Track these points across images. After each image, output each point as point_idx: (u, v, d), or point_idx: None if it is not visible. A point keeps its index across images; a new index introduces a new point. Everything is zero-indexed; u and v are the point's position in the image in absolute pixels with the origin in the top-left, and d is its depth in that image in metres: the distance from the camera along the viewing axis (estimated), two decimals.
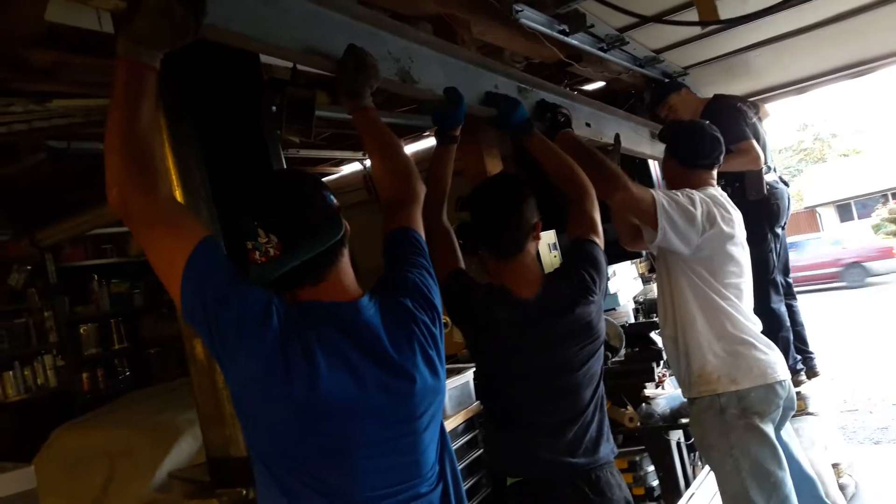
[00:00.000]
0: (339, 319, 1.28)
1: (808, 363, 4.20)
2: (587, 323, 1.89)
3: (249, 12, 1.51)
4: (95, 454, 3.21)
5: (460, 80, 2.25)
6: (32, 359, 5.15)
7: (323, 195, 1.33)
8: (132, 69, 1.23)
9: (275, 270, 1.26)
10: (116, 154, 1.20)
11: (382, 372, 1.28)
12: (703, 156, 2.56)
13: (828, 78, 4.65)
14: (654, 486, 3.54)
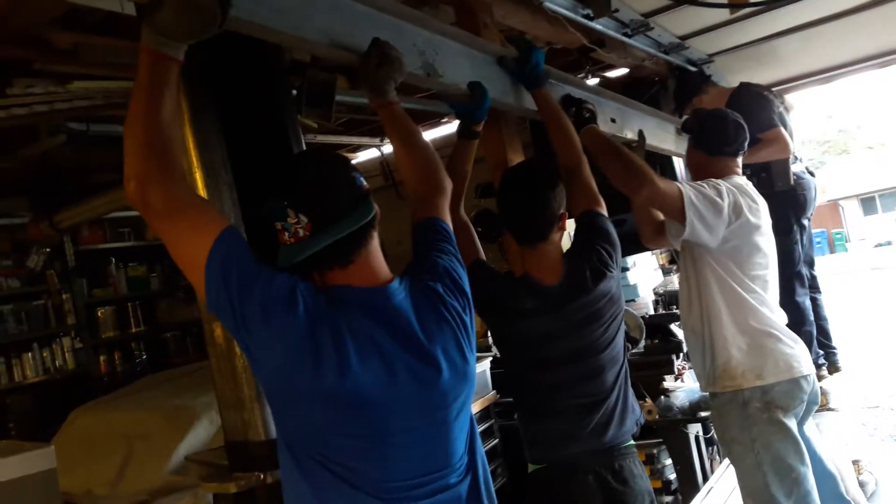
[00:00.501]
0: (369, 305, 1.26)
1: (830, 358, 4.16)
2: (609, 298, 1.92)
3: (274, 3, 1.49)
4: (113, 436, 3.23)
5: (485, 73, 2.21)
6: (51, 341, 5.19)
7: (353, 176, 1.31)
8: (156, 60, 1.20)
9: (304, 251, 1.24)
10: (136, 145, 1.18)
11: (413, 358, 1.26)
12: (727, 143, 2.52)
13: (856, 67, 4.57)
14: (671, 480, 3.52)
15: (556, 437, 1.88)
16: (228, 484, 1.76)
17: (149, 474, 2.91)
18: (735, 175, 2.50)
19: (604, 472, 1.85)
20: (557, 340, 1.87)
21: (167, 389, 3.67)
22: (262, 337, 1.17)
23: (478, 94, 2.05)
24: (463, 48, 2.15)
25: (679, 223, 2.25)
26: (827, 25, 3.89)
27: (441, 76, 1.99)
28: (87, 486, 3.00)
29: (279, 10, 1.49)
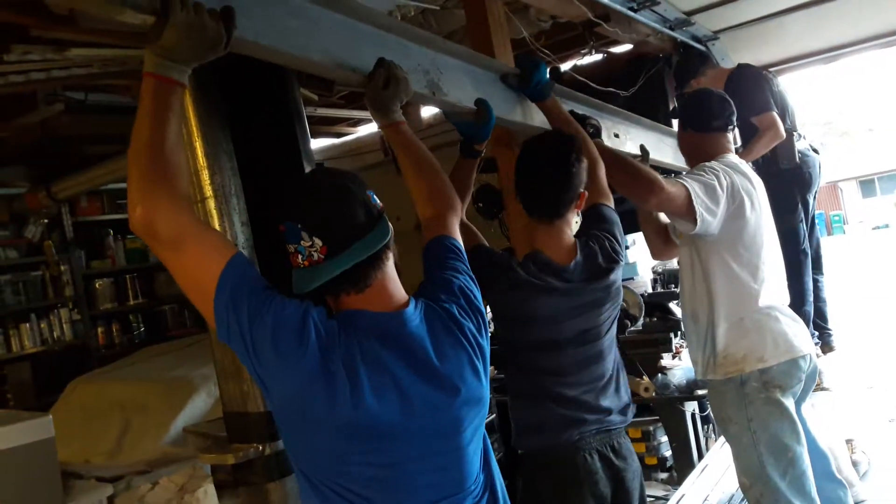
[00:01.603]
0: (384, 332, 1.23)
1: (824, 338, 4.17)
2: (617, 288, 1.92)
3: (279, 25, 1.47)
4: (111, 407, 3.24)
5: (489, 90, 2.18)
6: (49, 312, 5.19)
7: (368, 195, 1.27)
8: (160, 85, 1.19)
9: (319, 276, 1.21)
10: (142, 174, 1.16)
11: (428, 385, 1.24)
12: (713, 117, 2.50)
13: (860, 46, 4.53)
14: (666, 457, 3.55)
15: (561, 424, 1.86)
16: (226, 455, 1.75)
17: (147, 445, 2.92)
18: (728, 153, 2.48)
19: (605, 450, 1.87)
20: (565, 322, 1.86)
21: (165, 362, 3.67)
22: (273, 367, 1.15)
23: (483, 113, 2.01)
24: (467, 66, 2.12)
25: (688, 220, 2.23)
26: (833, 3, 3.84)
27: (446, 94, 1.97)
28: (85, 456, 3.01)
29: (284, 31, 1.47)
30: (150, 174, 1.15)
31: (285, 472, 1.73)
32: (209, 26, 1.19)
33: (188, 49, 1.19)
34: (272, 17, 1.45)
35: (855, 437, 3.82)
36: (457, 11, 3.50)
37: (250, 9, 1.39)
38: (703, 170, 2.32)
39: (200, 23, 1.18)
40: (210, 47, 1.22)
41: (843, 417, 3.94)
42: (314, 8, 1.57)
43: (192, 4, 1.19)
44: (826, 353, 4.17)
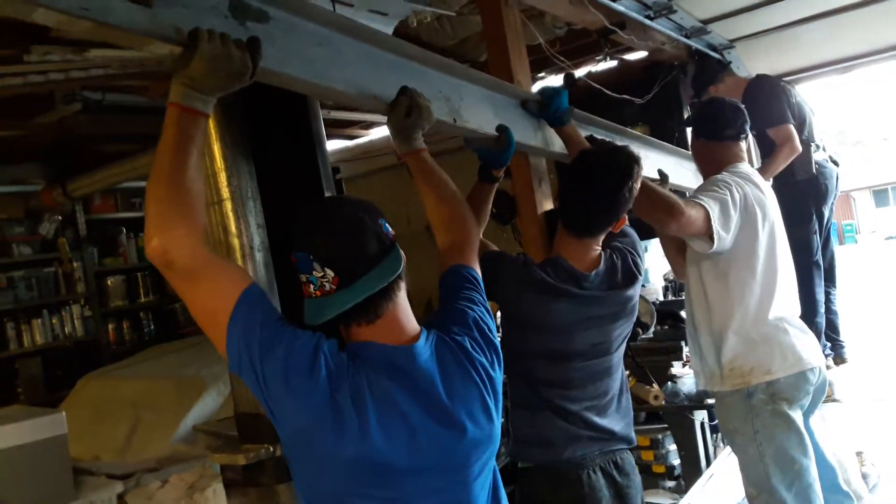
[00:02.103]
0: (393, 366, 1.22)
1: (836, 350, 4.14)
2: (633, 305, 1.91)
3: (303, 54, 1.47)
4: (121, 404, 3.26)
5: (509, 116, 2.17)
6: (60, 307, 5.22)
7: (380, 224, 1.26)
8: (184, 116, 1.19)
9: (331, 308, 1.20)
10: (160, 202, 1.16)
11: (436, 422, 1.23)
12: (726, 126, 2.49)
13: (876, 57, 4.50)
14: (674, 465, 3.52)
15: (563, 439, 1.85)
16: (237, 455, 1.76)
17: (156, 443, 2.93)
18: (740, 162, 2.47)
19: (609, 466, 1.86)
20: (577, 333, 1.84)
21: (175, 360, 3.69)
22: (283, 401, 1.15)
23: (504, 139, 1.99)
24: (487, 93, 2.11)
25: (705, 240, 2.21)
26: (851, 13, 3.82)
27: (467, 121, 1.96)
28: (95, 452, 3.03)
29: (308, 61, 1.47)
30: (167, 206, 1.15)
31: None
32: (235, 57, 1.20)
33: (214, 79, 1.20)
34: (297, 46, 1.46)
35: (865, 449, 3.79)
36: (472, 17, 3.50)
37: (275, 38, 1.40)
38: (716, 184, 2.30)
39: (227, 53, 1.19)
40: (236, 77, 1.22)
41: (854, 429, 3.91)
42: (339, 37, 1.58)
43: (219, 35, 1.20)
44: (838, 365, 4.14)
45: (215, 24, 1.27)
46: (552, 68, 4.35)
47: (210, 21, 1.28)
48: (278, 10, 1.42)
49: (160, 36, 1.20)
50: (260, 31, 1.35)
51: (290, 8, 1.46)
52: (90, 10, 1.10)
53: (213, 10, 1.30)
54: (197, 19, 1.25)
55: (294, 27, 1.47)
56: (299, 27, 1.48)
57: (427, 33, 3.78)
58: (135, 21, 1.16)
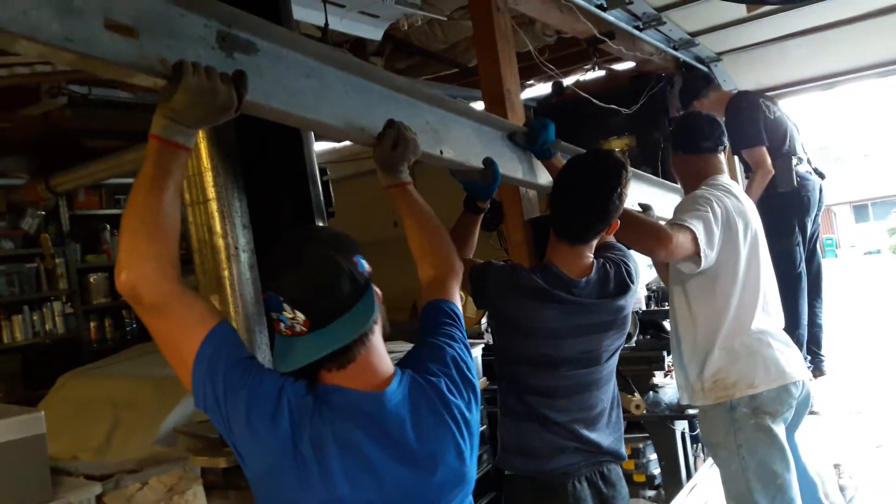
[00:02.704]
0: (360, 413, 1.18)
1: (815, 363, 4.18)
2: (625, 316, 1.90)
3: (291, 86, 1.46)
4: (101, 403, 3.22)
5: (496, 149, 2.18)
6: (42, 304, 5.16)
7: (355, 262, 1.21)
8: (164, 148, 1.18)
9: (302, 353, 1.17)
10: (131, 237, 1.14)
11: (404, 468, 1.20)
12: (702, 139, 2.50)
13: (859, 74, 4.57)
14: (655, 475, 3.54)
15: (548, 450, 1.84)
16: (219, 458, 1.74)
17: (136, 443, 2.90)
18: (720, 174, 2.49)
19: (595, 477, 1.85)
20: (566, 339, 1.83)
21: (157, 359, 3.62)
22: (247, 442, 1.14)
23: (490, 172, 1.98)
24: (474, 125, 2.11)
25: (693, 262, 2.21)
26: (837, 30, 3.88)
27: (454, 153, 1.96)
28: (73, 451, 2.99)
29: (295, 93, 1.46)
30: (137, 241, 1.14)
31: None
32: (221, 91, 1.18)
33: (198, 112, 1.18)
34: (284, 78, 1.44)
35: (842, 461, 3.83)
36: (463, 22, 3.51)
37: (263, 69, 1.39)
38: (696, 201, 2.30)
39: (212, 87, 1.17)
40: (221, 111, 1.21)
41: (831, 442, 3.94)
42: (327, 69, 1.56)
43: (205, 68, 1.18)
44: (817, 378, 4.18)
45: (202, 56, 1.26)
46: (541, 76, 4.38)
47: (197, 52, 1.26)
48: (266, 42, 1.41)
49: (145, 68, 1.18)
50: (248, 63, 1.34)
51: (279, 40, 1.44)
52: (74, 42, 1.08)
53: (200, 41, 1.28)
54: (183, 51, 1.24)
55: (282, 59, 1.45)
56: (287, 59, 1.46)
57: (417, 37, 3.79)
58: (120, 53, 1.14)
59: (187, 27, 1.27)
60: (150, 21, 1.21)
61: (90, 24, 1.12)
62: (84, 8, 1.11)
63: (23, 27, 1.03)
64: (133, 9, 1.18)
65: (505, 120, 2.38)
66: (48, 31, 1.06)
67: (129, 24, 1.17)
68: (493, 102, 2.66)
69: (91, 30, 1.11)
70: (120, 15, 1.16)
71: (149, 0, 1.21)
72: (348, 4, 2.81)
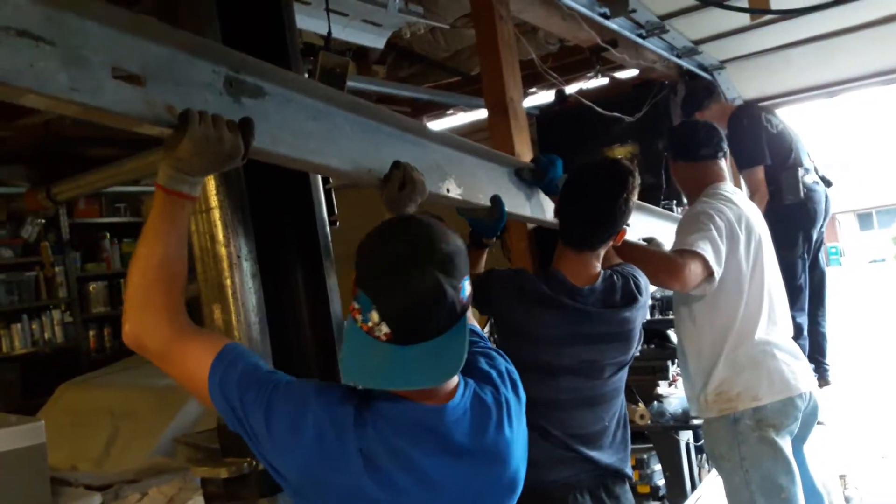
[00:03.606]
0: (420, 427, 1.14)
1: (820, 372, 4.16)
2: (630, 330, 1.85)
3: (299, 129, 1.44)
4: (100, 413, 3.21)
5: (502, 185, 2.16)
6: (41, 313, 5.17)
7: (459, 288, 1.12)
8: (168, 199, 1.18)
9: (377, 376, 1.10)
10: (134, 288, 1.17)
11: (463, 476, 1.17)
12: (701, 145, 2.47)
13: (863, 83, 4.56)
14: (659, 486, 3.51)
15: (549, 460, 1.80)
16: (219, 469, 1.73)
17: (135, 454, 2.89)
18: (721, 181, 2.46)
19: (598, 490, 1.82)
20: (567, 347, 1.80)
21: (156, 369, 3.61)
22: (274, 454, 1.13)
23: (496, 211, 1.95)
24: (481, 162, 2.09)
25: (708, 280, 2.19)
26: (840, 38, 3.89)
27: (461, 192, 1.94)
28: (73, 461, 2.98)
29: (303, 136, 1.45)
30: (139, 293, 1.16)
31: (277, 489, 1.70)
32: (227, 139, 1.18)
33: (204, 162, 1.18)
34: (292, 122, 1.43)
35: (848, 472, 3.80)
36: (466, 30, 3.52)
37: (270, 113, 1.37)
38: (699, 220, 2.27)
39: (218, 136, 1.17)
40: (227, 159, 1.20)
41: (837, 452, 3.92)
42: (334, 111, 1.55)
43: (212, 117, 1.18)
44: (822, 388, 4.15)
45: (209, 101, 1.25)
46: (544, 84, 4.38)
47: (204, 98, 1.25)
48: (274, 86, 1.40)
49: (151, 118, 1.17)
50: (255, 107, 1.33)
51: (286, 83, 1.43)
52: (81, 93, 1.07)
53: (207, 87, 1.27)
54: (191, 97, 1.23)
55: (289, 102, 1.44)
56: (295, 102, 1.45)
57: (420, 45, 3.80)
58: (126, 102, 1.13)
59: (195, 73, 1.26)
60: (157, 68, 1.20)
61: (97, 74, 1.11)
62: (91, 57, 1.10)
63: (29, 80, 1.02)
64: (141, 57, 1.17)
65: (512, 157, 2.36)
66: (55, 82, 1.05)
67: (137, 71, 1.16)
68: (495, 110, 2.65)
69: (98, 79, 1.10)
70: (128, 63, 1.15)
71: (156, 47, 1.20)
72: (351, 13, 2.81)
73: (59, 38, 1.07)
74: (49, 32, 1.05)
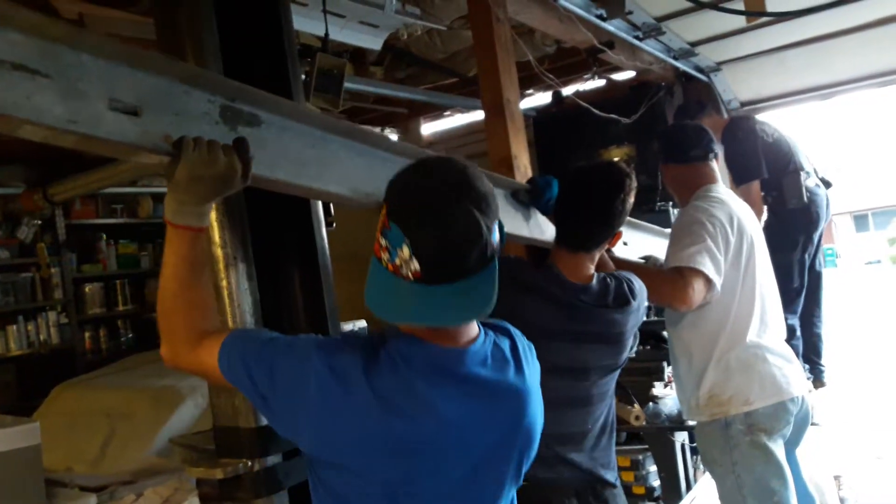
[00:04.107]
0: (440, 369, 1.14)
1: (815, 373, 4.17)
2: (620, 333, 1.84)
3: (296, 157, 1.46)
4: (95, 414, 3.20)
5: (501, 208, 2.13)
6: (36, 314, 5.15)
7: (492, 230, 1.11)
8: (176, 233, 1.20)
9: (402, 312, 1.10)
10: (160, 318, 1.23)
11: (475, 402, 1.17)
12: (690, 147, 2.46)
13: (858, 85, 4.59)
14: (654, 487, 3.51)
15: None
16: (215, 469, 1.73)
17: (131, 455, 2.88)
18: (712, 182, 2.44)
19: (586, 493, 1.80)
20: (555, 343, 1.77)
21: (152, 370, 3.63)
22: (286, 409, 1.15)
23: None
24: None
25: (710, 291, 2.20)
26: (835, 41, 3.90)
27: None
28: (68, 462, 2.97)
29: (301, 163, 1.46)
30: (164, 322, 1.23)
31: (273, 489, 1.71)
32: (221, 161, 1.19)
33: (202, 187, 1.19)
34: (289, 150, 1.44)
35: (843, 473, 3.81)
36: (463, 32, 3.52)
37: (267, 141, 1.38)
38: (692, 231, 2.25)
39: (213, 158, 1.18)
40: (224, 182, 1.21)
41: (832, 453, 3.93)
42: (331, 137, 1.56)
43: (206, 142, 1.19)
44: (817, 389, 4.17)
45: (205, 131, 1.25)
46: (541, 85, 4.39)
47: (200, 128, 1.26)
48: (270, 114, 1.41)
49: (149, 147, 1.19)
50: (252, 136, 1.34)
51: (282, 111, 1.44)
52: (78, 124, 1.09)
53: (203, 116, 1.28)
54: (187, 126, 1.24)
55: (286, 130, 1.45)
56: (291, 130, 1.46)
57: (417, 46, 3.80)
58: (123, 132, 1.15)
59: (191, 103, 1.28)
60: (153, 99, 1.21)
61: (94, 106, 1.12)
62: (88, 90, 1.11)
63: (27, 111, 1.03)
64: (137, 88, 1.18)
65: (508, 178, 2.36)
66: (52, 114, 1.06)
67: (134, 102, 1.18)
68: (492, 112, 2.66)
69: (95, 111, 1.12)
70: (124, 94, 1.16)
71: (153, 78, 1.21)
72: (348, 14, 2.81)
73: (55, 71, 1.08)
74: (45, 66, 1.07)
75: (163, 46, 1.75)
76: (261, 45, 1.89)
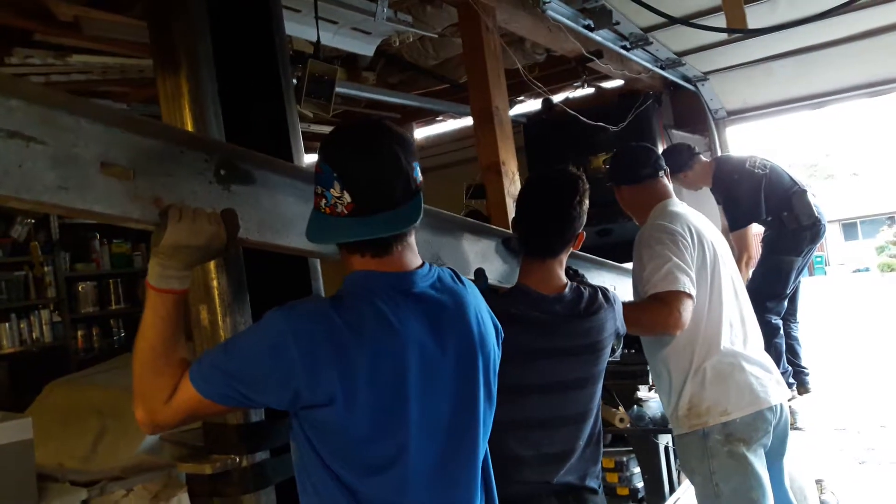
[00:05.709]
0: (395, 290, 1.23)
1: (799, 378, 4.20)
2: (597, 341, 1.83)
3: (288, 213, 1.48)
4: (87, 411, 3.21)
5: (489, 256, 2.19)
6: (29, 312, 5.16)
7: (413, 167, 1.22)
8: (157, 296, 1.21)
9: (336, 233, 1.21)
10: (135, 379, 1.21)
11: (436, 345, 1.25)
12: (640, 166, 2.46)
13: (847, 95, 4.64)
14: (638, 488, 3.55)
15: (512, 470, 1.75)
16: (204, 465, 1.75)
17: (122, 452, 2.89)
18: (666, 198, 2.43)
19: (567, 498, 1.80)
20: (536, 361, 1.77)
21: None
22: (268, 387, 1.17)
23: (479, 284, 1.88)
24: (468, 236, 2.14)
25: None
26: (821, 52, 3.96)
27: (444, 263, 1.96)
28: (59, 459, 2.98)
29: (292, 220, 1.48)
30: (138, 383, 1.20)
31: (261, 485, 1.74)
32: (206, 232, 1.22)
33: (186, 256, 1.22)
34: (282, 206, 1.46)
35: (825, 477, 3.86)
36: (454, 39, 3.57)
37: (260, 199, 1.41)
38: (654, 251, 2.22)
39: (198, 229, 1.21)
40: (208, 252, 1.25)
41: (814, 458, 3.97)
42: None
43: (193, 211, 1.21)
44: (802, 395, 4.20)
45: (198, 192, 1.28)
46: (530, 93, 4.44)
47: (193, 189, 1.28)
48: (263, 172, 1.43)
49: (138, 215, 1.22)
50: (245, 194, 1.36)
51: (275, 168, 1.46)
52: (68, 191, 1.10)
53: (198, 176, 1.30)
54: (179, 187, 1.26)
55: (279, 187, 1.47)
56: (284, 186, 1.48)
57: (409, 53, 3.84)
58: (113, 197, 1.17)
59: (186, 163, 1.29)
60: (147, 161, 1.23)
61: (86, 171, 1.13)
62: (82, 154, 1.13)
63: (16, 182, 1.04)
64: (131, 150, 1.20)
65: (499, 228, 2.39)
66: (41, 183, 1.07)
67: (126, 164, 1.20)
68: (481, 119, 2.70)
69: (86, 176, 1.13)
70: (118, 156, 1.18)
71: (148, 140, 1.23)
72: (341, 21, 2.84)
73: (50, 136, 1.09)
74: (41, 131, 1.08)
75: (156, 50, 1.78)
76: (253, 51, 1.92)
